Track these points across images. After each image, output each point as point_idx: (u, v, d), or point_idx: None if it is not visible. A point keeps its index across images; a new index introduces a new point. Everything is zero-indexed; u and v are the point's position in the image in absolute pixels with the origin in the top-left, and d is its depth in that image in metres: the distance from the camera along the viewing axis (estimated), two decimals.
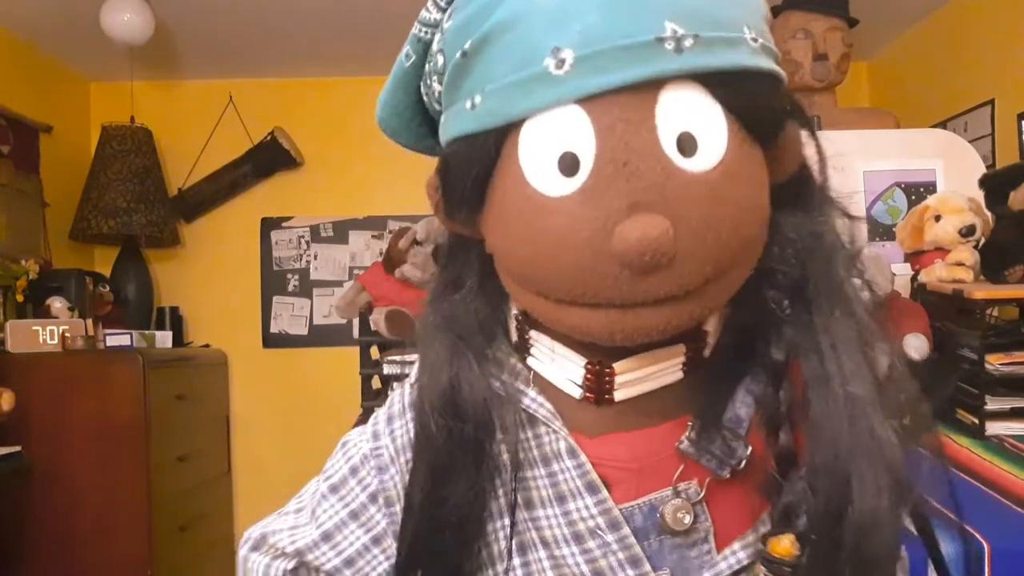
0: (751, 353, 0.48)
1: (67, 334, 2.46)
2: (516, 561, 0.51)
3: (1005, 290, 1.28)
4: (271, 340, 3.37)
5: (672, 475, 0.48)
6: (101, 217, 2.93)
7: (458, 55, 0.43)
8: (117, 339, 2.56)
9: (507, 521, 0.50)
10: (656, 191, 0.38)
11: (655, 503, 0.48)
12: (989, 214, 1.39)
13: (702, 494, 0.48)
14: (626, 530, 0.48)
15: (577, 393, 0.49)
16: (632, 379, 0.48)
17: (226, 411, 3.29)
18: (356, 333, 1.45)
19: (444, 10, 0.46)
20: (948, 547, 0.83)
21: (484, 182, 0.45)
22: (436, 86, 0.47)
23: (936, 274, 1.33)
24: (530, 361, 0.52)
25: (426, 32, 0.47)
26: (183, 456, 2.69)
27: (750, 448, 0.47)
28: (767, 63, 0.41)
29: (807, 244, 0.46)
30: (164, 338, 2.90)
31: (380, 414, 0.60)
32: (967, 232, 1.31)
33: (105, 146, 3.02)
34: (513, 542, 0.50)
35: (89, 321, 2.58)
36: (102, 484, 2.39)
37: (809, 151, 0.48)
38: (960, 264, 1.31)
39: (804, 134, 0.47)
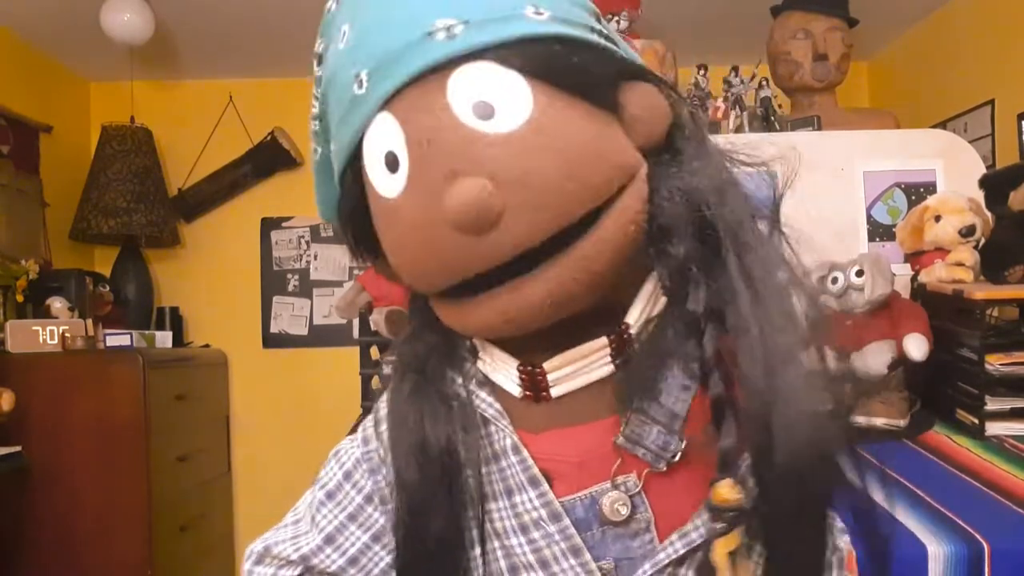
0: (679, 324, 0.49)
1: (67, 334, 2.46)
2: (476, 551, 0.54)
3: (1005, 290, 1.28)
4: (271, 340, 3.37)
5: (611, 468, 0.50)
6: (101, 217, 2.93)
7: (317, 123, 0.52)
8: (117, 339, 2.56)
9: (488, 469, 0.54)
10: (464, 157, 0.42)
11: (595, 495, 0.51)
12: (989, 214, 1.39)
13: (640, 486, 0.50)
14: (566, 521, 0.51)
15: (518, 392, 0.52)
16: (564, 375, 0.50)
17: (226, 411, 3.29)
18: (356, 333, 1.45)
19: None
20: (948, 547, 0.83)
21: (365, 215, 0.49)
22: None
23: (936, 274, 1.33)
24: (479, 364, 0.55)
25: (315, 124, 0.54)
26: (183, 456, 2.69)
27: (684, 442, 0.50)
28: (560, 29, 0.45)
29: (695, 191, 0.47)
30: (164, 338, 2.90)
31: (368, 421, 0.62)
32: (967, 232, 1.31)
33: (105, 146, 3.02)
34: (473, 533, 0.54)
35: (89, 321, 2.58)
36: (102, 484, 2.39)
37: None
38: (960, 264, 1.31)
39: (659, 93, 0.49)
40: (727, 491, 0.45)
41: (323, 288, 3.37)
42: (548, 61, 0.44)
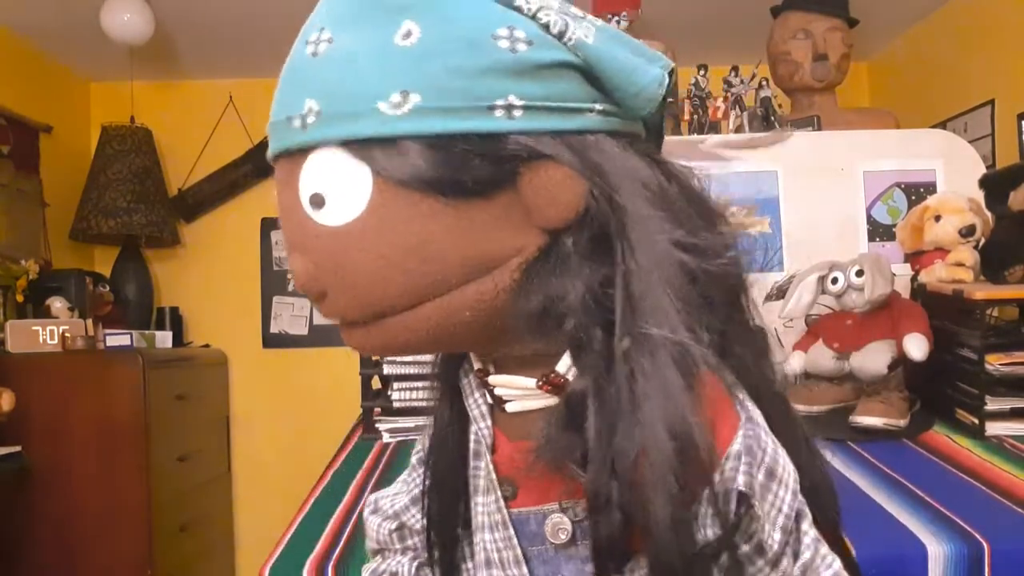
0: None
1: (67, 334, 2.47)
2: (476, 538, 0.57)
3: (1005, 290, 1.28)
4: (271, 340, 3.37)
5: (560, 490, 0.50)
6: (101, 217, 2.93)
7: None
8: (117, 339, 2.56)
9: (475, 464, 0.57)
10: (297, 240, 0.47)
11: (545, 513, 0.52)
12: (989, 214, 1.39)
13: (584, 515, 0.49)
14: (511, 531, 0.53)
15: (488, 397, 0.55)
16: (509, 395, 0.52)
17: (226, 411, 3.29)
18: None
19: None
20: (948, 547, 0.83)
21: None
22: None
23: (936, 274, 1.33)
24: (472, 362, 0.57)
25: None
26: (183, 456, 2.69)
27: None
28: (410, 126, 0.42)
29: (564, 297, 0.45)
30: (164, 338, 2.90)
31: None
32: (967, 232, 1.31)
33: (105, 146, 3.02)
34: (476, 520, 0.57)
35: (89, 321, 2.58)
36: (102, 484, 2.39)
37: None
38: (960, 264, 1.31)
39: (571, 175, 0.45)
40: None
41: None
42: (397, 163, 0.43)
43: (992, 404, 1.19)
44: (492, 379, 0.52)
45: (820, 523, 0.52)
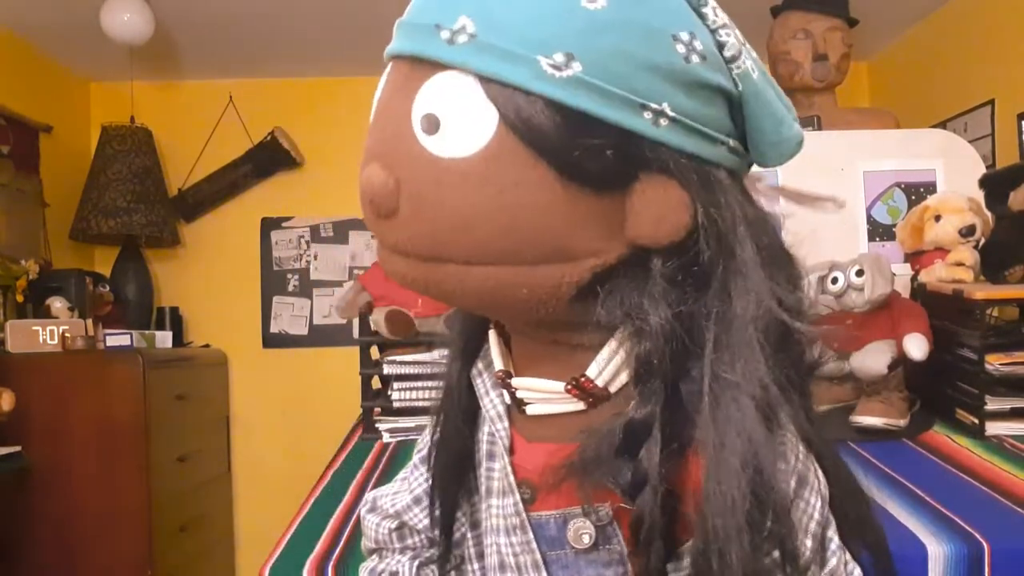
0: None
1: (67, 334, 2.46)
2: (487, 540, 0.56)
3: (1005, 290, 1.28)
4: (271, 340, 3.37)
5: (587, 493, 0.49)
6: (101, 217, 2.93)
7: None
8: (117, 339, 2.56)
9: (486, 465, 0.56)
10: (389, 150, 0.44)
11: (567, 517, 0.50)
12: (989, 214, 1.39)
13: (611, 517, 0.49)
14: (530, 536, 0.51)
15: (507, 398, 0.53)
16: (532, 398, 0.51)
17: (226, 411, 3.29)
18: (356, 333, 1.45)
19: None
20: (948, 547, 0.83)
21: None
22: None
23: (936, 274, 1.33)
24: (494, 362, 0.55)
25: None
26: (183, 456, 2.69)
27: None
28: (562, 94, 0.40)
29: (646, 318, 0.44)
30: (164, 338, 2.90)
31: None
32: (967, 232, 1.31)
33: (105, 146, 3.02)
34: (488, 524, 0.56)
35: (89, 321, 2.58)
36: (102, 484, 2.39)
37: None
38: (960, 264, 1.31)
39: (689, 205, 0.43)
40: None
41: (323, 288, 3.37)
42: (529, 117, 0.40)
43: (992, 404, 1.19)
44: (516, 382, 0.51)
45: (862, 530, 0.52)
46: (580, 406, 0.49)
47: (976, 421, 1.19)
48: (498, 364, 0.53)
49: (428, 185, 0.42)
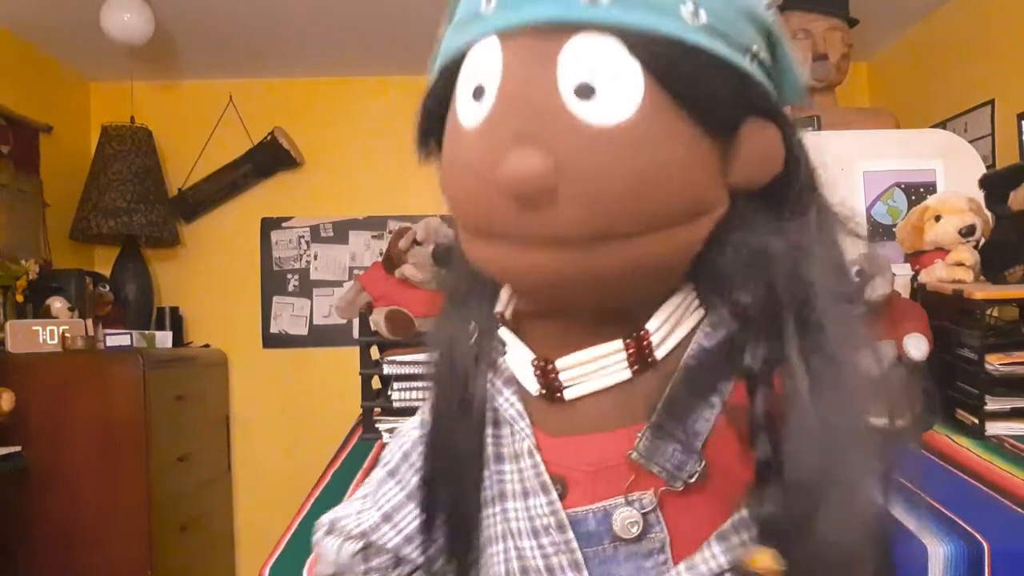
0: (728, 363, 0.47)
1: (67, 334, 2.46)
2: (498, 548, 0.54)
3: (1005, 290, 1.28)
4: (271, 340, 3.37)
5: (626, 482, 0.49)
6: (101, 217, 2.93)
7: (446, 16, 0.48)
8: (117, 339, 2.56)
9: (494, 468, 0.54)
10: (544, 128, 0.40)
11: (608, 509, 0.49)
12: (989, 214, 1.39)
13: (655, 504, 0.48)
14: (570, 534, 0.50)
15: (535, 389, 0.51)
16: (576, 376, 0.49)
17: (226, 411, 3.29)
18: (356, 333, 1.45)
19: None
20: (948, 547, 0.83)
21: (442, 118, 0.47)
22: None
23: (936, 274, 1.33)
24: (506, 357, 0.54)
25: None
26: (183, 456, 2.69)
27: (703, 462, 0.47)
28: (705, 42, 0.40)
29: (772, 253, 0.44)
30: (164, 338, 2.90)
31: (426, 404, 0.63)
32: (967, 232, 1.31)
33: (105, 146, 3.02)
34: (496, 531, 0.54)
35: (89, 321, 2.58)
36: (102, 484, 2.39)
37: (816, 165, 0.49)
38: (960, 264, 1.31)
39: (791, 142, 0.46)
40: (768, 560, 0.43)
41: (323, 288, 3.37)
42: (677, 68, 0.40)
43: (992, 404, 1.19)
44: (566, 359, 0.49)
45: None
46: (626, 374, 0.48)
47: (976, 421, 1.19)
48: (527, 354, 0.51)
49: (592, 158, 0.39)
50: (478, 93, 0.42)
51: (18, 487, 2.31)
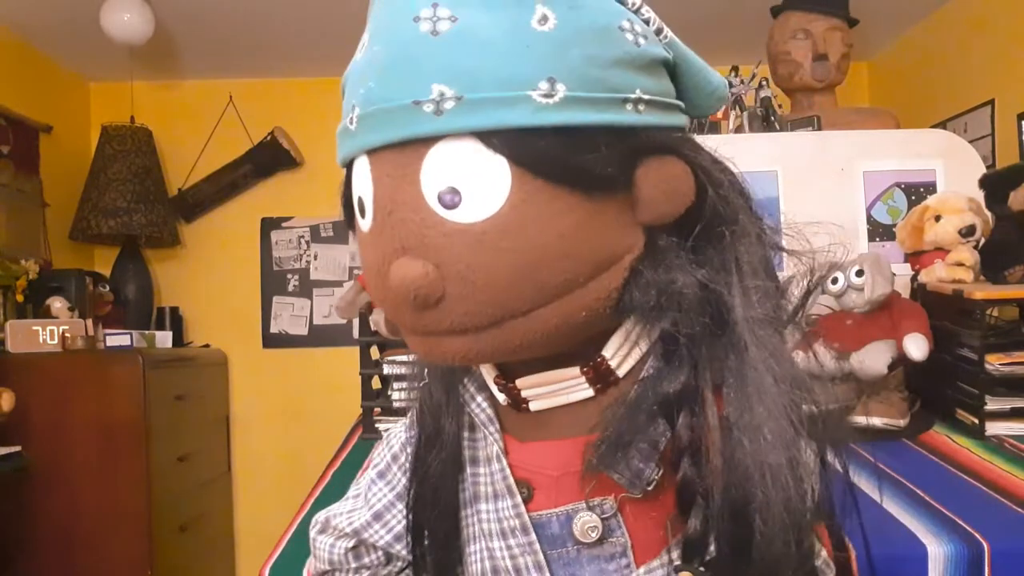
0: (672, 385, 0.48)
1: (67, 334, 2.46)
2: (471, 548, 0.56)
3: (1005, 290, 1.28)
4: (271, 340, 3.37)
5: (587, 487, 0.49)
6: (101, 217, 2.93)
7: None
8: (117, 339, 2.56)
9: (469, 471, 0.56)
10: (417, 239, 0.42)
11: (570, 513, 0.50)
12: (989, 214, 1.39)
13: (615, 509, 0.49)
14: (533, 536, 0.51)
15: (502, 399, 0.53)
16: (538, 394, 0.50)
17: (226, 411, 3.29)
18: (356, 333, 1.45)
19: None
20: (948, 547, 0.83)
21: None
22: None
23: (936, 274, 1.33)
24: (481, 369, 0.55)
25: None
26: (183, 456, 2.69)
27: (660, 471, 0.48)
28: (564, 117, 0.41)
29: (680, 288, 0.45)
30: (164, 338, 2.90)
31: (414, 410, 0.64)
32: (967, 232, 1.31)
33: (105, 146, 3.02)
34: (471, 531, 0.56)
35: (89, 321, 2.58)
36: (102, 484, 2.39)
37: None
38: (960, 264, 1.31)
39: (685, 169, 0.46)
40: None
41: (323, 288, 3.37)
42: (539, 154, 0.41)
43: (992, 404, 1.19)
44: (522, 381, 0.50)
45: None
46: (589, 393, 0.49)
47: (976, 421, 1.19)
48: (490, 371, 0.53)
49: (468, 257, 0.41)
50: (360, 206, 0.45)
51: (18, 487, 2.31)
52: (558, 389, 0.50)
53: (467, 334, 0.44)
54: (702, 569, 0.46)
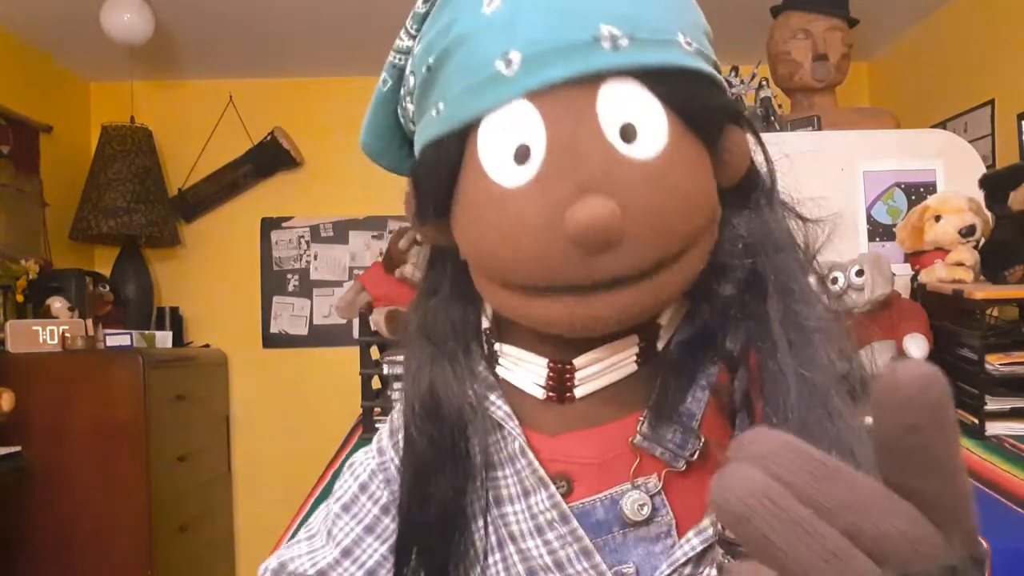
0: (708, 348, 0.50)
1: (67, 334, 2.46)
2: (496, 556, 0.53)
3: (1005, 290, 1.28)
4: (271, 340, 3.37)
5: (630, 469, 0.50)
6: (101, 217, 2.93)
7: (424, 71, 0.48)
8: (117, 339, 2.56)
9: (491, 475, 0.53)
10: (602, 175, 0.42)
11: (615, 496, 0.50)
12: (989, 214, 1.39)
13: (660, 487, 0.50)
14: (574, 523, 0.50)
15: (540, 394, 0.52)
16: (591, 374, 0.50)
17: (226, 411, 3.29)
18: (356, 333, 1.45)
19: (414, 37, 0.50)
20: None
21: (451, 184, 0.48)
22: (410, 106, 0.51)
23: (936, 274, 1.33)
24: (498, 370, 0.54)
25: (400, 59, 0.52)
26: (183, 456, 2.69)
27: (702, 440, 0.49)
28: (701, 65, 0.45)
29: (758, 240, 0.48)
30: (164, 338, 2.90)
31: (383, 431, 0.61)
32: (967, 232, 1.31)
33: (105, 146, 3.02)
34: (492, 539, 0.53)
35: (89, 321, 2.58)
36: (102, 484, 2.39)
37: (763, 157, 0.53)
38: (960, 264, 1.31)
39: (751, 140, 0.50)
40: None
41: (323, 288, 3.37)
42: (688, 96, 0.44)
43: (992, 404, 1.19)
44: (584, 358, 0.50)
45: None
46: (633, 368, 0.50)
47: (976, 421, 1.19)
48: (539, 359, 0.51)
49: (649, 193, 0.42)
50: (521, 154, 0.43)
51: (18, 487, 2.31)
52: (611, 366, 0.50)
53: (625, 287, 0.43)
54: None
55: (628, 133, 0.42)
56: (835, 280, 1.24)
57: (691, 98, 0.44)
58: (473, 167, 0.46)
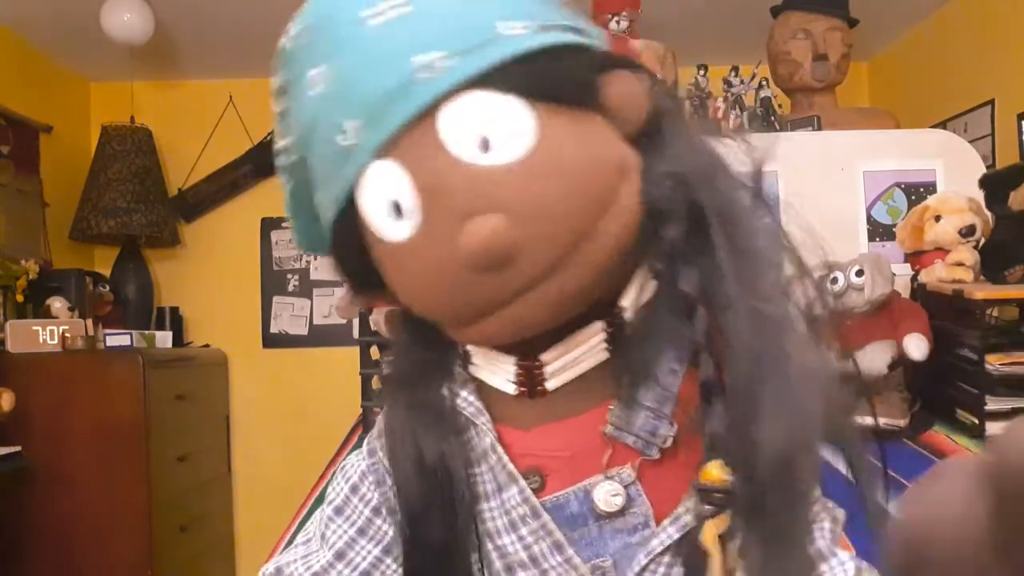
0: (676, 318, 0.48)
1: (67, 334, 2.47)
2: (474, 556, 0.53)
3: (1005, 290, 1.28)
4: (271, 340, 3.37)
5: (603, 460, 0.49)
6: (101, 217, 2.93)
7: (297, 165, 0.50)
8: (117, 339, 2.56)
9: (468, 472, 0.53)
10: (475, 196, 0.42)
11: (588, 488, 0.49)
12: (989, 214, 1.39)
13: (634, 477, 0.49)
14: (546, 517, 0.50)
15: (512, 390, 0.51)
16: (560, 366, 0.50)
17: (226, 411, 3.29)
18: (356, 333, 1.45)
19: (284, 136, 0.52)
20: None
21: (363, 254, 0.48)
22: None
23: (936, 274, 1.33)
24: (471, 369, 0.54)
25: (283, 159, 0.53)
26: (183, 456, 2.69)
27: (675, 426, 0.48)
28: (540, 40, 0.43)
29: (683, 170, 0.46)
30: (164, 338, 2.90)
31: (372, 433, 0.61)
32: (967, 232, 1.31)
33: (105, 146, 3.02)
34: (471, 537, 0.53)
35: (89, 321, 2.58)
36: (102, 484, 2.39)
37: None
38: (960, 264, 1.31)
39: (639, 77, 0.48)
40: (716, 471, 0.44)
41: (323, 288, 3.37)
42: (539, 78, 0.43)
43: (992, 404, 1.19)
44: (551, 353, 0.49)
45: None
46: (605, 356, 0.49)
47: (976, 421, 1.19)
48: (506, 358, 0.51)
49: (528, 193, 0.42)
50: (397, 208, 0.44)
51: (18, 487, 2.31)
52: (580, 355, 0.49)
53: (551, 277, 0.43)
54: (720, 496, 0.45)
55: (481, 145, 0.42)
56: (835, 280, 1.24)
57: (542, 77, 0.43)
58: (369, 234, 0.46)
